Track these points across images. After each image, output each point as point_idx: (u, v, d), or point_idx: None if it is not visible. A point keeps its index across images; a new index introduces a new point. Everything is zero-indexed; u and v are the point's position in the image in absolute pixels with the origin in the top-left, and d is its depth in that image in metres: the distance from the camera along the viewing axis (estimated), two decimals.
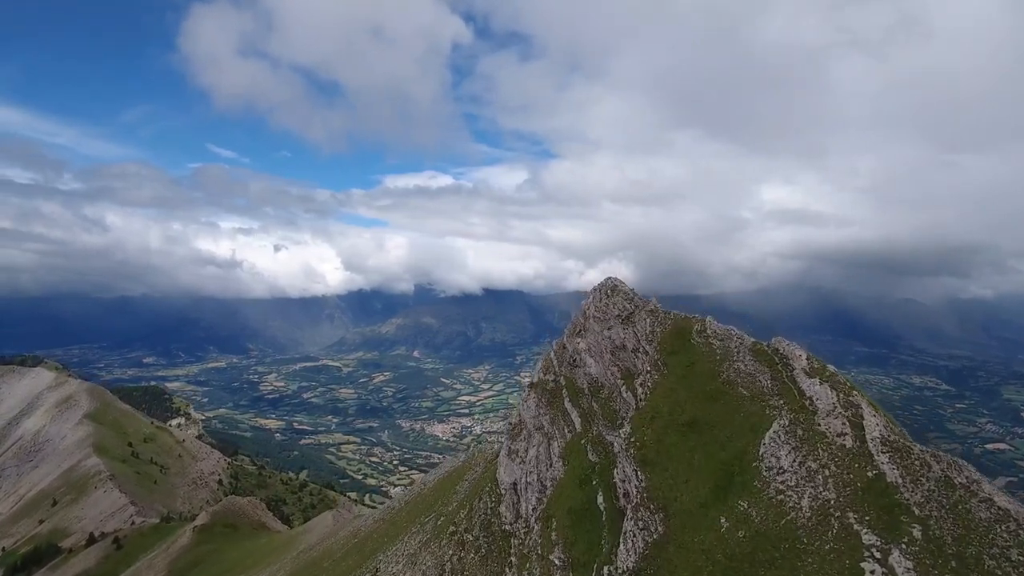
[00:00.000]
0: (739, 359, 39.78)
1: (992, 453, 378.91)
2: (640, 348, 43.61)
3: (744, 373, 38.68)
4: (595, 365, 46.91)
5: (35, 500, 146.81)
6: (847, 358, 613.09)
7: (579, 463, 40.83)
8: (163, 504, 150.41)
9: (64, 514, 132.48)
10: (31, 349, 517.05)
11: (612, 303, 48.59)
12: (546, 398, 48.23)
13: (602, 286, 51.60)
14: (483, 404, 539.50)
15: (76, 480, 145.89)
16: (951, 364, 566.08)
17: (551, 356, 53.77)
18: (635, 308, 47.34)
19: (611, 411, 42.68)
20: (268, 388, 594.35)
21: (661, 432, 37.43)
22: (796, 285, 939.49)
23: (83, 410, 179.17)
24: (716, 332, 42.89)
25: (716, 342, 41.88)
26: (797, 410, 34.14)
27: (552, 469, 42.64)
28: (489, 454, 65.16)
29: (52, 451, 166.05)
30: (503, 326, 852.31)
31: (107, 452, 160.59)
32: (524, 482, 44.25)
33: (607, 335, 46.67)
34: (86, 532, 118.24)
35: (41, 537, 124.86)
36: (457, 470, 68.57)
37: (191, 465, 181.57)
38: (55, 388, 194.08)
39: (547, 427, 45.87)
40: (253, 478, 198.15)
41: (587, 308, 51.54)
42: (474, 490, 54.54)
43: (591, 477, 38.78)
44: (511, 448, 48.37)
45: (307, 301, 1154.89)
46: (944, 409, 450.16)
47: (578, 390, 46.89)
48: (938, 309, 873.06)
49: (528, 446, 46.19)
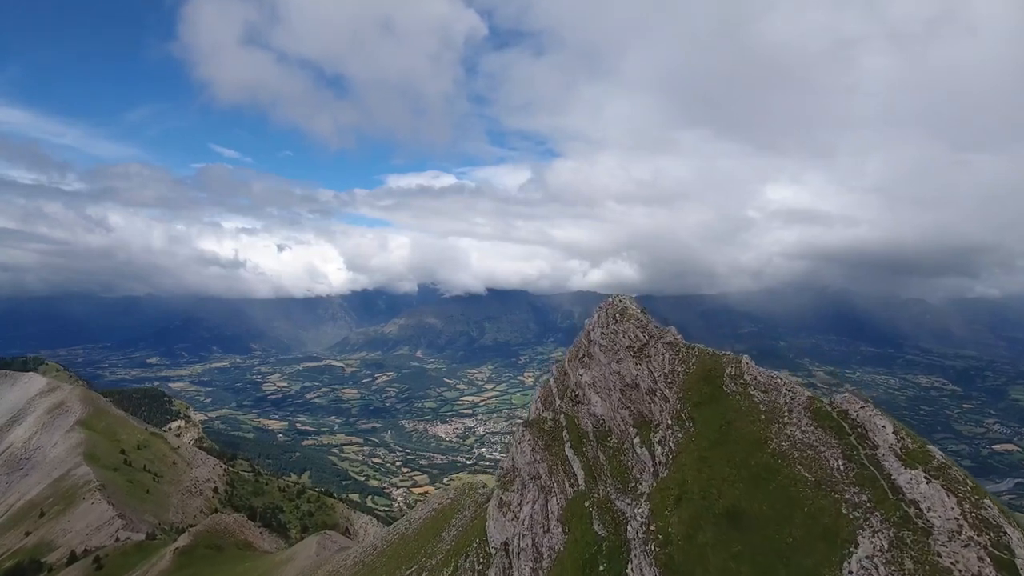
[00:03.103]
0: (792, 421, 30.30)
1: (1000, 454, 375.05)
2: (657, 391, 36.22)
3: (802, 444, 29.19)
4: (601, 405, 40.04)
5: (23, 511, 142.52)
6: (853, 358, 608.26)
7: (583, 534, 33.64)
8: (154, 515, 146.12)
9: (51, 526, 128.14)
10: (36, 349, 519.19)
11: (621, 331, 40.92)
12: (544, 440, 41.19)
13: (609, 307, 44.05)
14: (486, 405, 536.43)
15: (65, 490, 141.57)
16: (958, 364, 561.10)
17: (551, 385, 47.77)
18: (649, 338, 39.49)
19: (622, 467, 35.24)
20: (271, 388, 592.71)
21: (692, 522, 28.49)
22: (802, 285, 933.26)
23: (75, 416, 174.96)
24: (757, 380, 33.36)
25: (758, 394, 32.47)
26: (898, 522, 24.08)
27: (550, 535, 35.79)
28: (479, 497, 58.44)
29: (42, 459, 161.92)
30: (507, 326, 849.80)
31: (98, 460, 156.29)
32: (517, 545, 37.62)
33: (615, 369, 39.67)
34: (71, 546, 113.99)
35: (26, 551, 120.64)
36: (444, 510, 62.37)
37: (186, 472, 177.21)
38: (47, 394, 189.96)
39: (544, 478, 39.07)
40: (250, 485, 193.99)
41: (591, 330, 44.81)
42: (460, 543, 48.14)
43: (597, 560, 31.17)
44: (503, 499, 41.70)
45: (310, 301, 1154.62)
46: (951, 410, 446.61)
47: (581, 434, 39.90)
48: (945, 309, 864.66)
49: (522, 500, 39.57)
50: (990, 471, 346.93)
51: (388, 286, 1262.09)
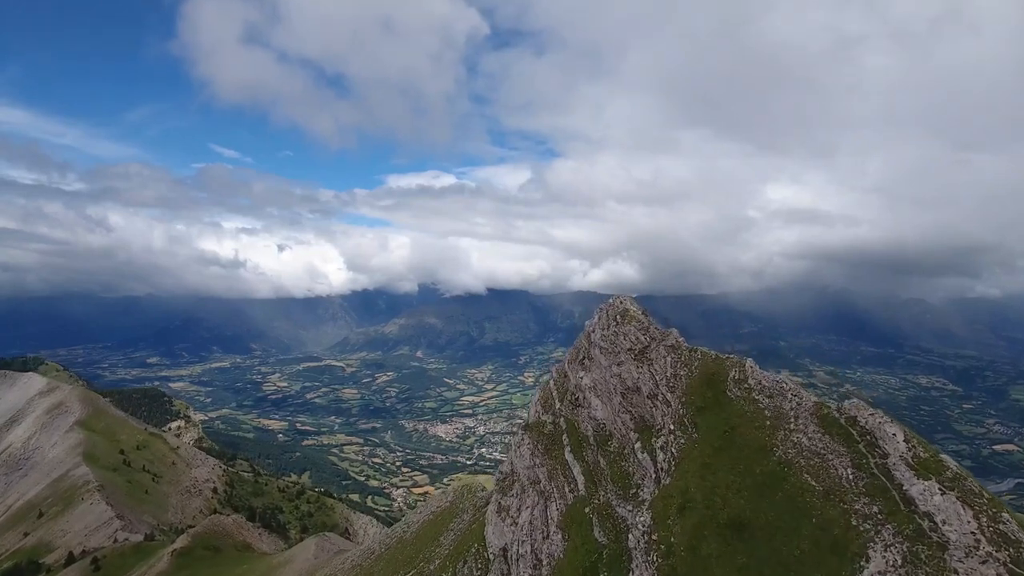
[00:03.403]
0: (799, 428, 29.07)
1: (1000, 455, 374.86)
2: (659, 395, 35.38)
3: (809, 452, 27.96)
4: (602, 408, 39.34)
5: (22, 511, 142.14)
6: (854, 358, 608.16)
7: (583, 541, 33.00)
8: (153, 515, 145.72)
9: (49, 527, 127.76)
10: (36, 349, 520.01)
11: (622, 333, 39.93)
12: (543, 444, 40.34)
13: (610, 308, 43.08)
14: (486, 405, 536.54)
15: (64, 491, 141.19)
16: (958, 364, 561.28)
17: (550, 386, 46.97)
18: (651, 341, 38.64)
19: (623, 473, 34.47)
20: (271, 388, 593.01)
21: (695, 532, 27.50)
22: (803, 285, 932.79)
23: (74, 417, 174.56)
24: (761, 384, 32.02)
25: (763, 399, 31.16)
26: (911, 535, 23.05)
27: (549, 542, 35.14)
28: (478, 500, 57.69)
29: (41, 460, 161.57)
30: (507, 326, 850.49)
31: (97, 461, 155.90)
32: (516, 551, 37.12)
33: (616, 372, 38.94)
34: (69, 547, 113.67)
35: (25, 552, 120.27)
36: (443, 513, 61.72)
37: (185, 473, 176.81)
38: (46, 394, 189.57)
39: (544, 482, 38.39)
40: (249, 486, 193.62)
41: (591, 332, 43.97)
42: (458, 548, 47.71)
43: (598, 568, 30.48)
44: (501, 504, 41.01)
45: (310, 301, 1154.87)
46: (951, 410, 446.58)
47: (582, 438, 39.05)
48: (945, 309, 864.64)
49: (521, 505, 38.83)
50: (990, 471, 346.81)
51: (388, 286, 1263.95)
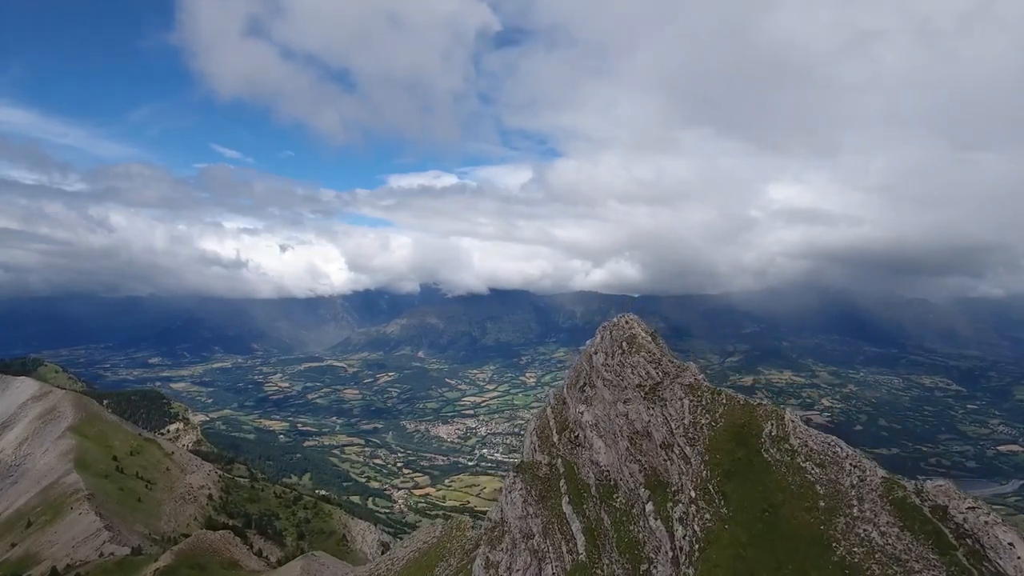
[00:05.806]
0: (865, 516, 20.96)
1: (1005, 455, 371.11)
2: (675, 445, 28.77)
3: (884, 554, 20.10)
4: (606, 452, 33.01)
5: (11, 520, 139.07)
6: (856, 358, 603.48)
7: None
8: (145, 524, 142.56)
9: (37, 537, 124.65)
10: (38, 350, 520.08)
11: (629, 364, 33.03)
12: (538, 490, 33.92)
13: (615, 330, 36.34)
14: (488, 405, 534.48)
15: (54, 499, 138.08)
16: (962, 364, 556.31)
17: (547, 416, 40.81)
18: (664, 376, 31.62)
19: (631, 540, 27.82)
20: (273, 388, 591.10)
21: None
22: (805, 285, 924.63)
23: (67, 422, 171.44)
24: (808, 447, 23.72)
25: (812, 468, 22.65)
26: None
27: None
28: (466, 542, 52.63)
29: (32, 467, 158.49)
30: (509, 326, 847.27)
31: (89, 468, 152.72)
32: None
33: (622, 411, 32.71)
34: (56, 559, 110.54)
35: (11, 564, 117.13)
36: (429, 552, 57.25)
37: (179, 479, 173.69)
38: (39, 399, 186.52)
39: (537, 538, 32.29)
40: (245, 491, 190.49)
41: (592, 354, 37.73)
42: None
43: None
44: (489, 559, 35.01)
45: (312, 301, 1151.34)
46: (955, 410, 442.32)
47: (582, 486, 32.68)
48: (949, 309, 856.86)
49: (512, 563, 33.10)
50: (995, 472, 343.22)
51: (390, 286, 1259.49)
